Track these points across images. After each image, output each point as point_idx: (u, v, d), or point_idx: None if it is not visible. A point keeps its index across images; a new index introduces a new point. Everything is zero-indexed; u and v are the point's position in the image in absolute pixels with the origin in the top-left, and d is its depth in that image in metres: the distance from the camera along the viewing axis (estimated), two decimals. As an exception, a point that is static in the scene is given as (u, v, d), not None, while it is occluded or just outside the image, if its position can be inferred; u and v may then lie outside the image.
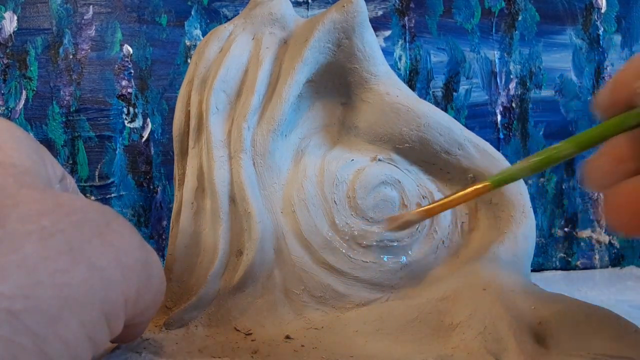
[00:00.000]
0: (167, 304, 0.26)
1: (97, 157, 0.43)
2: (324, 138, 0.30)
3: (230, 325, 0.25)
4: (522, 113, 0.49)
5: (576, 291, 0.39)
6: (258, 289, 0.26)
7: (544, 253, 0.49)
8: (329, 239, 0.27)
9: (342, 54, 0.28)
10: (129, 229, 0.17)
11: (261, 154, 0.27)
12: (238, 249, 0.26)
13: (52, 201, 0.15)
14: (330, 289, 0.27)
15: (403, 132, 0.29)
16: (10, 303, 0.13)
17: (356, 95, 0.29)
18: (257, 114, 0.27)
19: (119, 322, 0.16)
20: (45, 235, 0.14)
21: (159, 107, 0.44)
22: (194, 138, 0.27)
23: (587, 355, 0.21)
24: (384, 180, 0.28)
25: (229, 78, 0.27)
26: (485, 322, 0.23)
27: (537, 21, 0.49)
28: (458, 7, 0.48)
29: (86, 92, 0.43)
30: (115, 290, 0.15)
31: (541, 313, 0.24)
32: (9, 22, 0.42)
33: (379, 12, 0.47)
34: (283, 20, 0.29)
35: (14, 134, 0.18)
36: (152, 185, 0.44)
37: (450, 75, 0.48)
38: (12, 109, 0.42)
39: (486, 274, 0.26)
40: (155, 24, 0.44)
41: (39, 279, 0.13)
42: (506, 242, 0.28)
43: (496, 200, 0.29)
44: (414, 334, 0.24)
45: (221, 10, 0.44)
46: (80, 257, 0.14)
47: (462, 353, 0.23)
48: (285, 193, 0.27)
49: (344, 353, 0.23)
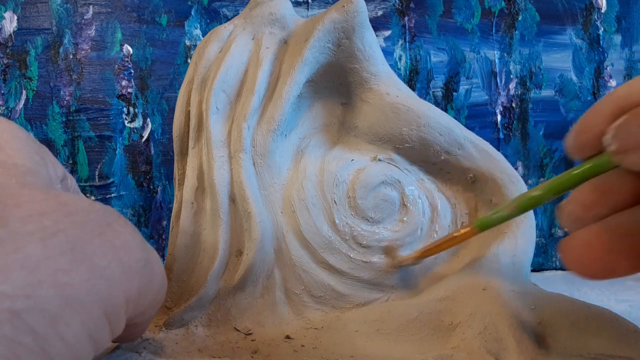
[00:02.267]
0: (167, 304, 0.26)
1: (97, 157, 0.43)
2: (324, 138, 0.30)
3: (230, 325, 0.25)
4: (522, 113, 0.49)
5: (576, 291, 0.39)
6: (258, 289, 0.26)
7: (544, 253, 0.49)
8: (329, 239, 0.27)
9: (342, 54, 0.28)
10: (130, 229, 0.17)
11: (261, 154, 0.27)
12: (238, 249, 0.26)
13: (54, 201, 0.15)
14: (330, 289, 0.27)
15: (403, 132, 0.29)
16: (12, 302, 0.13)
17: (356, 95, 0.29)
18: (257, 114, 0.27)
19: (120, 322, 0.16)
20: (47, 235, 0.14)
21: (159, 107, 0.44)
22: (194, 138, 0.27)
23: (587, 355, 0.21)
24: (384, 180, 0.28)
25: (229, 78, 0.27)
26: (485, 322, 0.23)
27: (537, 21, 0.49)
28: (458, 7, 0.48)
29: (86, 92, 0.43)
30: (117, 290, 0.15)
31: (541, 313, 0.24)
32: (9, 22, 0.42)
33: (379, 12, 0.47)
34: (283, 20, 0.28)
35: (15, 134, 0.18)
36: (152, 185, 0.44)
37: (450, 75, 0.48)
38: (12, 109, 0.42)
39: (486, 274, 0.26)
40: (155, 24, 0.44)
41: (41, 279, 0.13)
42: (506, 242, 0.28)
43: (496, 200, 0.29)
44: (414, 334, 0.24)
45: (221, 10, 0.44)
46: (82, 257, 0.14)
47: (462, 353, 0.23)
48: (285, 193, 0.27)
49: (344, 353, 0.23)
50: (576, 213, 0.17)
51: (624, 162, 0.15)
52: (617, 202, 0.16)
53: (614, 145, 0.15)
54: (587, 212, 0.17)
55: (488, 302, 0.24)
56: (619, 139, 0.15)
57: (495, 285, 0.25)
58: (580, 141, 0.17)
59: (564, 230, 0.49)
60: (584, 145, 0.17)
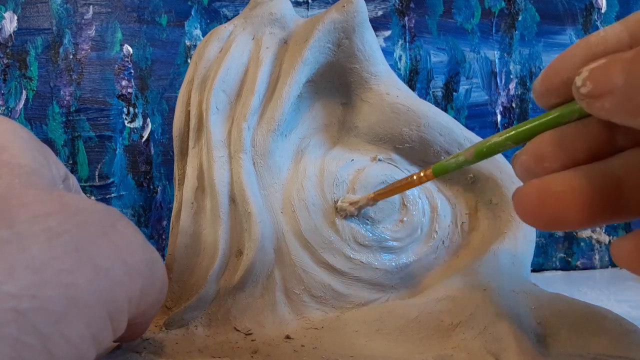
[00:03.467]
0: (167, 304, 0.26)
1: (97, 157, 0.43)
2: (324, 138, 0.30)
3: (230, 325, 0.25)
4: (522, 113, 0.49)
5: (576, 291, 0.39)
6: (258, 289, 0.26)
7: (544, 253, 0.49)
8: (329, 239, 0.27)
9: (342, 54, 0.28)
10: (133, 229, 0.17)
11: (261, 154, 0.27)
12: (238, 249, 0.26)
13: (58, 202, 0.15)
14: (330, 289, 0.27)
15: (403, 132, 0.29)
16: (17, 302, 0.13)
17: (356, 95, 0.29)
18: (257, 114, 0.27)
19: (122, 322, 0.16)
20: (52, 235, 0.14)
21: (159, 107, 0.44)
22: (194, 138, 0.27)
23: (587, 355, 0.21)
24: (384, 181, 0.28)
25: (229, 78, 0.27)
26: (485, 322, 0.23)
27: (537, 21, 0.49)
28: (458, 7, 0.48)
29: (86, 92, 0.43)
30: (120, 291, 0.16)
31: (541, 313, 0.24)
32: (9, 22, 0.42)
33: (379, 12, 0.47)
34: (283, 20, 0.29)
35: (18, 134, 0.18)
36: (152, 185, 0.44)
37: (450, 75, 0.48)
38: (12, 109, 0.42)
39: (486, 274, 0.26)
40: (155, 24, 0.44)
41: (46, 279, 0.13)
42: (506, 242, 0.28)
43: (496, 200, 0.29)
44: (414, 334, 0.24)
45: (221, 10, 0.44)
46: (86, 258, 0.15)
47: (462, 353, 0.23)
48: (285, 193, 0.27)
49: (344, 353, 0.23)
50: (528, 164, 0.17)
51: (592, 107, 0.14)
52: (570, 158, 0.16)
53: (586, 87, 0.14)
54: (538, 164, 0.17)
55: (488, 302, 0.24)
56: (592, 82, 0.14)
57: (495, 286, 0.25)
58: (546, 85, 0.17)
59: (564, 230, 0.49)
60: (550, 90, 0.17)
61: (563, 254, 0.49)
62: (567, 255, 0.49)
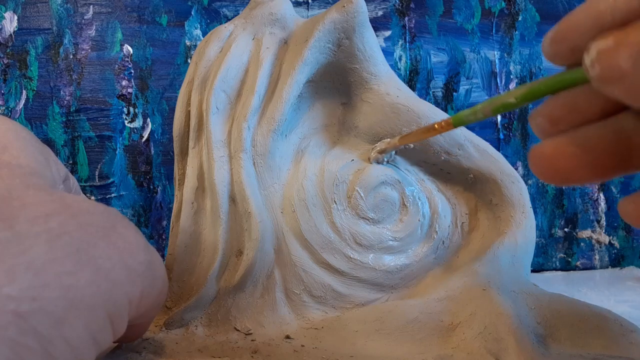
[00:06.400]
0: (167, 304, 0.26)
1: (97, 157, 0.43)
2: (324, 138, 0.30)
3: (230, 325, 0.25)
4: (522, 113, 0.49)
5: (576, 291, 0.39)
6: (258, 289, 0.26)
7: (544, 253, 0.49)
8: (329, 239, 0.27)
9: (342, 54, 0.28)
10: (133, 230, 0.17)
11: (261, 154, 0.27)
12: (238, 249, 0.26)
13: (59, 203, 0.15)
14: (330, 289, 0.27)
15: (403, 132, 0.29)
16: (17, 305, 0.13)
17: (356, 95, 0.29)
18: (258, 114, 0.27)
19: (122, 323, 0.16)
20: (53, 237, 0.14)
21: (159, 107, 0.44)
22: (194, 138, 0.27)
23: (587, 355, 0.21)
24: (384, 181, 0.28)
25: (229, 78, 0.27)
26: (485, 322, 0.23)
27: (537, 21, 0.49)
28: (458, 7, 0.48)
29: (86, 92, 0.43)
30: (120, 292, 0.16)
31: (541, 313, 0.24)
32: (9, 22, 0.42)
33: (379, 12, 0.47)
34: (283, 20, 0.29)
35: (19, 134, 0.18)
36: (152, 185, 0.44)
37: (450, 75, 0.48)
38: (12, 109, 0.42)
39: (486, 274, 0.26)
40: (155, 24, 0.44)
41: (46, 281, 0.13)
42: (506, 242, 0.28)
43: (496, 200, 0.29)
44: (414, 334, 0.24)
45: (221, 10, 0.44)
46: (86, 259, 0.15)
47: (462, 353, 0.23)
48: (286, 193, 0.27)
49: (344, 353, 0.23)
50: (544, 126, 0.17)
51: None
52: (583, 119, 0.16)
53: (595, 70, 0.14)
54: (553, 126, 0.17)
55: (488, 302, 0.24)
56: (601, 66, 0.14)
57: (495, 286, 0.25)
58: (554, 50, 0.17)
59: (564, 230, 0.49)
60: (557, 54, 0.17)
61: (563, 254, 0.49)
62: (567, 255, 0.49)
